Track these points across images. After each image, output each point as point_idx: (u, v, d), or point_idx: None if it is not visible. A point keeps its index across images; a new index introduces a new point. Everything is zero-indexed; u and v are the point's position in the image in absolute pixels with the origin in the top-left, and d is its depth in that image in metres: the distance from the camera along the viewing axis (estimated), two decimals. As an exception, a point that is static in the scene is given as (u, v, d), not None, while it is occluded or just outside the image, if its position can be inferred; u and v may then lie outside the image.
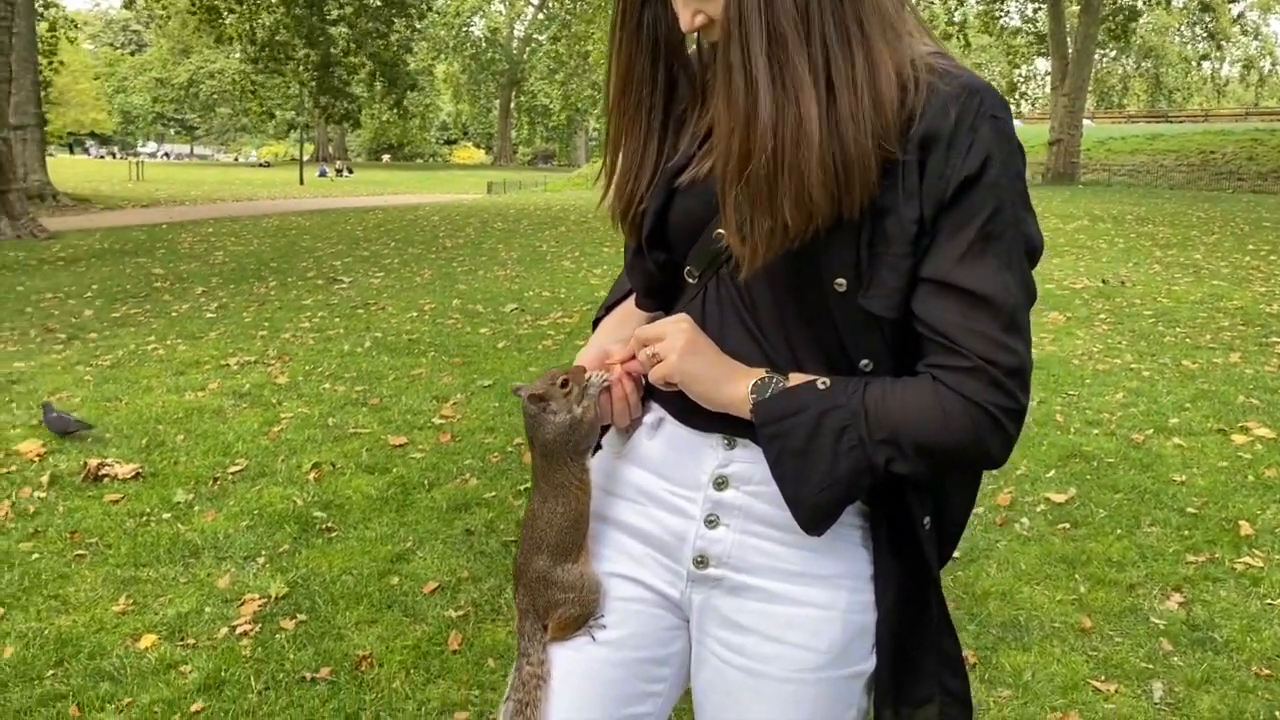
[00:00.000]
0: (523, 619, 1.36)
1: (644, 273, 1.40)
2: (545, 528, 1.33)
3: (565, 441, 1.32)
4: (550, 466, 1.33)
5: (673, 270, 1.38)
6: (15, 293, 10.72)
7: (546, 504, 1.33)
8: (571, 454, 1.33)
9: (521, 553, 1.36)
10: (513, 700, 1.33)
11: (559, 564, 1.33)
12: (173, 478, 4.94)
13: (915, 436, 1.18)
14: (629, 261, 1.42)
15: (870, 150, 1.14)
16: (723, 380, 1.26)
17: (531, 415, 1.33)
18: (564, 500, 1.33)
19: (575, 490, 1.33)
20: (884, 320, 1.22)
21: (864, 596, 1.33)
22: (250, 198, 32.30)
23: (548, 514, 1.33)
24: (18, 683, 3.03)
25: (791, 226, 1.16)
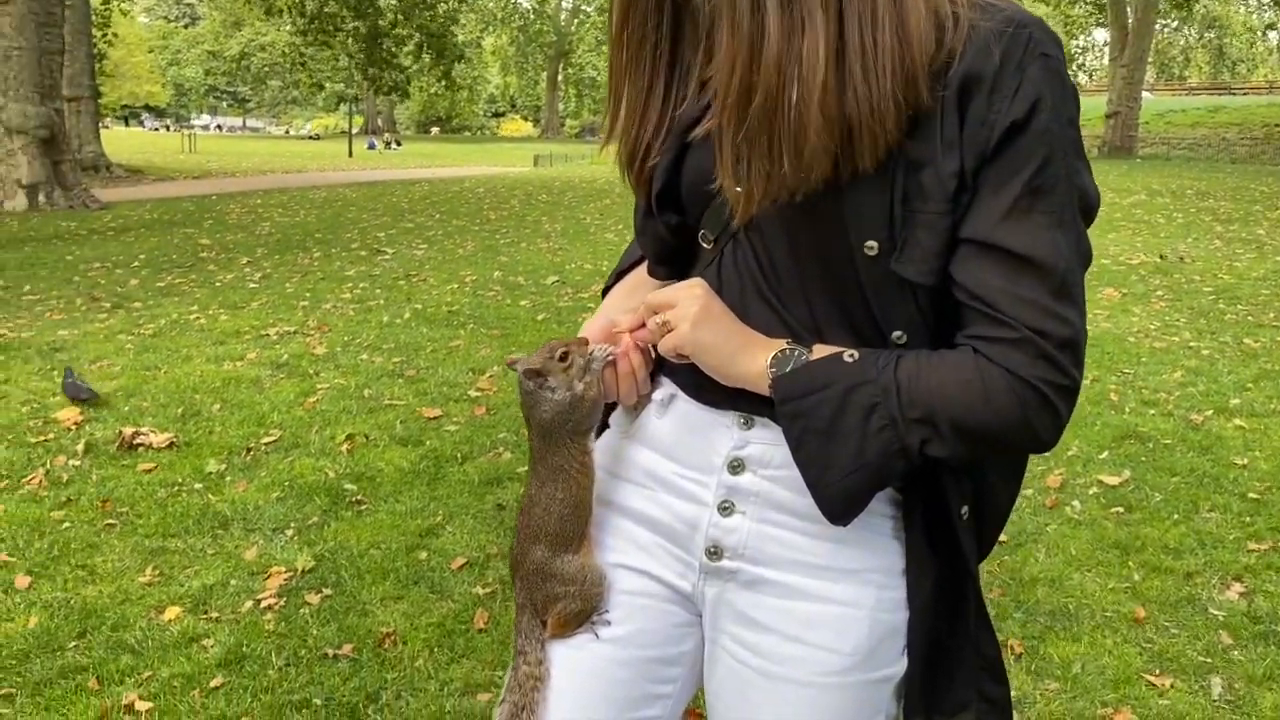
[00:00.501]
0: (520, 614, 1.25)
1: (655, 237, 1.27)
2: (543, 515, 1.22)
3: (564, 421, 1.20)
4: (548, 448, 1.21)
5: (686, 234, 1.25)
6: (64, 262, 10.83)
7: (544, 489, 1.22)
8: (572, 434, 1.21)
9: (518, 542, 1.25)
10: (508, 702, 1.22)
11: (558, 554, 1.22)
12: (206, 448, 4.91)
13: (953, 416, 1.05)
14: (639, 224, 1.30)
15: (888, 94, 1.00)
16: (739, 352, 1.14)
17: (528, 392, 1.21)
18: (564, 485, 1.21)
19: (576, 474, 1.21)
20: (919, 287, 1.08)
21: (894, 593, 1.20)
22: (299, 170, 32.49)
23: (546, 500, 1.21)
24: (40, 653, 3.00)
25: (789, 174, 1.03)
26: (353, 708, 2.78)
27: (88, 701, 2.75)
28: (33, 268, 10.30)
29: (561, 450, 1.21)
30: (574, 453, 1.21)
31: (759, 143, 1.03)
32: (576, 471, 1.21)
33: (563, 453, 1.21)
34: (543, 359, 1.20)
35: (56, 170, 16.81)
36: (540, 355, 1.20)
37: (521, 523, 1.24)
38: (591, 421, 1.22)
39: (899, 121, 1.02)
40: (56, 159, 16.85)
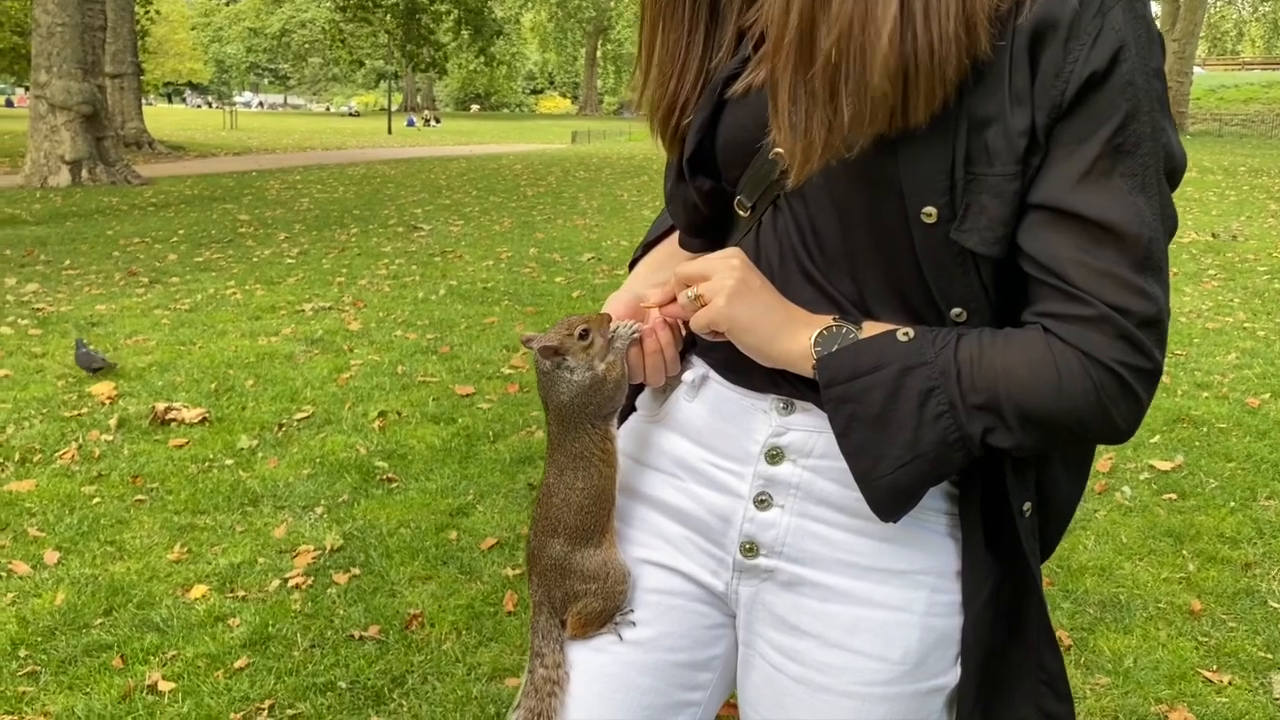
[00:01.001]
0: (537, 613, 1.15)
1: (687, 204, 1.17)
2: (562, 506, 1.12)
3: (585, 404, 1.10)
4: (567, 433, 1.11)
5: (722, 201, 1.14)
6: (105, 237, 10.89)
7: (563, 478, 1.12)
8: (592, 419, 1.11)
9: (534, 535, 1.15)
10: (524, 708, 1.13)
11: (578, 549, 1.12)
12: (238, 423, 4.88)
13: (1020, 402, 0.94)
14: (669, 190, 1.19)
15: (949, 38, 0.90)
16: (780, 329, 1.03)
17: (544, 372, 1.11)
18: (584, 474, 1.11)
19: (597, 462, 1.11)
20: (982, 259, 0.97)
21: (947, 597, 1.09)
22: (339, 146, 32.60)
23: (564, 490, 1.12)
24: (66, 630, 2.97)
25: (851, 126, 0.92)
26: (378, 691, 2.72)
27: (111, 681, 2.71)
28: (74, 243, 10.37)
29: (581, 436, 1.11)
30: (595, 438, 1.11)
31: (820, 89, 0.93)
32: (598, 459, 1.11)
33: (583, 438, 1.11)
34: (560, 336, 1.10)
35: (99, 146, 16.93)
36: (558, 332, 1.10)
37: (538, 514, 1.14)
38: (614, 405, 1.12)
39: (959, 70, 0.91)
40: (99, 135, 16.97)
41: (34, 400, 5.09)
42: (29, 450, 4.40)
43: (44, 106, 16.36)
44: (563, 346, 1.10)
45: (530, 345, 1.10)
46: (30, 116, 16.84)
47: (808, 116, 0.94)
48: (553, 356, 1.10)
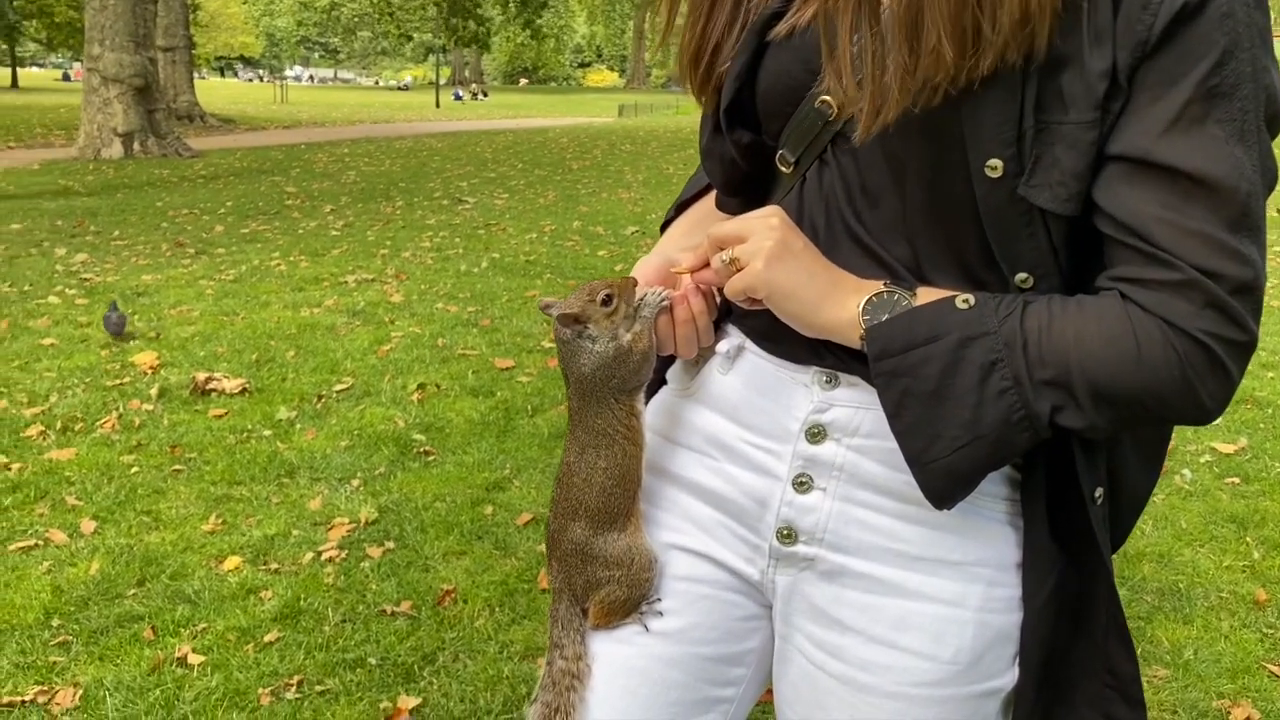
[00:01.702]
0: (557, 601, 1.07)
1: (723, 159, 1.07)
2: (583, 487, 1.03)
3: (608, 377, 1.01)
4: (589, 408, 1.02)
5: (762, 156, 1.04)
6: (154, 208, 10.97)
7: (584, 456, 1.03)
8: (617, 393, 1.02)
9: (554, 517, 1.07)
10: (541, 702, 1.05)
11: (601, 533, 1.03)
12: (278, 394, 4.86)
13: (1094, 378, 0.84)
14: (705, 145, 1.09)
15: None
16: (825, 295, 0.93)
17: (564, 342, 1.02)
18: (607, 452, 1.02)
19: (621, 439, 1.02)
20: (1053, 217, 0.86)
21: (1006, 591, 0.99)
22: (387, 120, 32.73)
23: (586, 469, 1.03)
24: (99, 600, 2.95)
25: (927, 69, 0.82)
26: (408, 669, 2.67)
27: (141, 652, 2.69)
28: (123, 214, 10.46)
29: (604, 411, 1.02)
30: (619, 414, 1.02)
31: (898, 25, 0.83)
32: (622, 436, 1.02)
33: (606, 414, 1.02)
34: (582, 302, 1.00)
35: (150, 119, 17.09)
36: (579, 298, 1.01)
37: (558, 495, 1.05)
38: (641, 378, 1.03)
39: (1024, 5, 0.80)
40: (150, 108, 17.12)
41: (77, 369, 5.11)
42: (71, 419, 4.41)
43: (97, 79, 16.54)
44: (584, 314, 1.00)
45: (549, 312, 1.01)
46: (84, 90, 17.05)
47: (875, 60, 0.84)
48: (573, 325, 1.01)
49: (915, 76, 0.84)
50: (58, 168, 14.70)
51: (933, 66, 0.83)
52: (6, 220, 9.62)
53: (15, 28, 45.28)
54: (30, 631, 2.78)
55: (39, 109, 28.64)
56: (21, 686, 2.54)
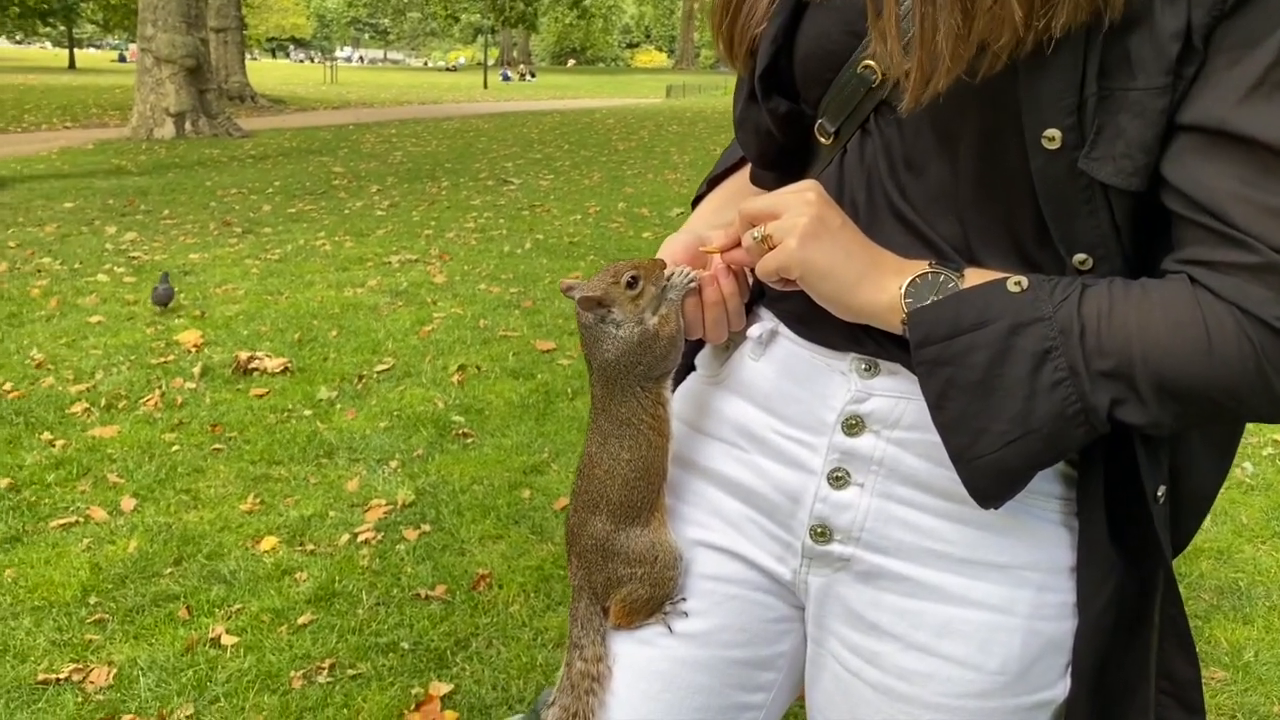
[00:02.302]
0: (577, 599, 1.01)
1: (759, 130, 1.00)
2: (605, 479, 0.97)
3: (633, 363, 0.94)
4: (613, 396, 0.96)
5: (800, 126, 0.97)
6: (203, 188, 11.07)
7: (607, 446, 0.97)
8: (642, 380, 0.95)
9: (574, 511, 1.01)
10: (558, 705, 0.99)
11: (623, 528, 0.97)
12: (319, 374, 4.86)
13: (1158, 368, 0.76)
14: (739, 115, 1.02)
15: None
16: (864, 276, 0.86)
17: (586, 326, 0.96)
18: (631, 443, 0.96)
19: (646, 430, 0.96)
20: (1116, 193, 0.79)
21: (1058, 597, 0.92)
22: (435, 101, 32.82)
23: (609, 460, 0.97)
24: (135, 579, 2.96)
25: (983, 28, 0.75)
26: (441, 654, 2.64)
27: (176, 632, 2.69)
28: (173, 193, 10.56)
29: (629, 399, 0.95)
30: (645, 403, 0.96)
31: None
32: (647, 426, 0.96)
33: (630, 402, 0.96)
34: (605, 285, 0.94)
35: (202, 99, 17.26)
36: (602, 280, 0.95)
37: (579, 487, 1.00)
38: (668, 364, 0.96)
39: None
40: (202, 88, 17.29)
41: (123, 347, 5.15)
42: (115, 396, 4.44)
43: (150, 60, 16.72)
44: (607, 296, 0.94)
45: (571, 295, 0.95)
46: (137, 70, 17.25)
47: (925, 21, 0.77)
48: (595, 308, 0.94)
49: (969, 40, 0.76)
50: (111, 147, 14.89)
51: (993, 27, 0.75)
52: (60, 199, 9.75)
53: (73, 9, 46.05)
54: (68, 609, 2.79)
55: (95, 90, 29.08)
56: (57, 664, 2.54)
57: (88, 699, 2.42)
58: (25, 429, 4.04)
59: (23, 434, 3.99)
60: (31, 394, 4.43)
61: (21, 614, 2.76)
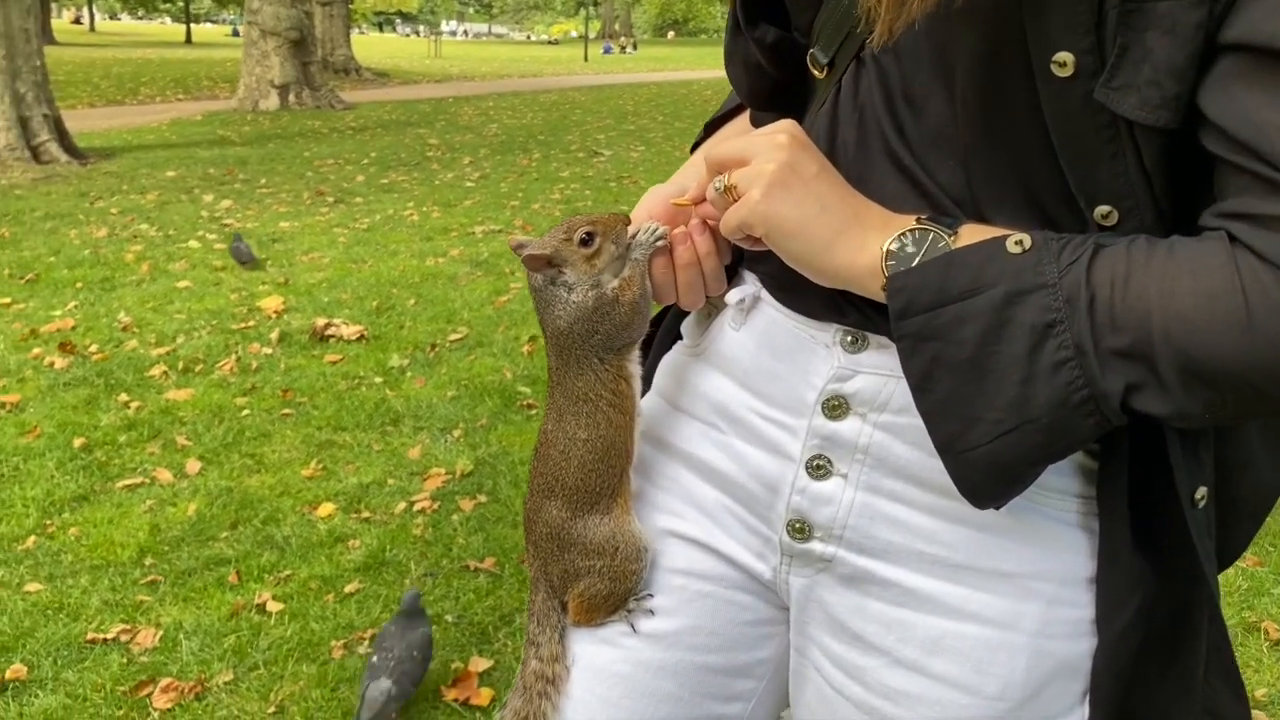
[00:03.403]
0: (534, 591, 0.92)
1: (748, 63, 0.88)
2: (560, 461, 0.87)
3: (588, 332, 0.84)
4: (568, 368, 0.86)
5: (793, 58, 0.85)
6: (301, 158, 11.27)
7: (563, 425, 0.87)
8: (600, 351, 0.85)
9: (530, 494, 0.91)
10: (509, 709, 0.90)
11: (580, 515, 0.87)
12: (394, 342, 4.87)
13: (1185, 347, 0.63)
14: (728, 47, 0.90)
15: None
16: (841, 233, 0.73)
17: (536, 290, 0.86)
18: (589, 421, 0.86)
19: (605, 407, 0.85)
20: (1143, 132, 0.65)
21: (1073, 612, 0.79)
22: (535, 74, 32.92)
23: (564, 441, 0.87)
24: (192, 541, 2.98)
25: None
26: (484, 629, 2.59)
27: (224, 596, 2.69)
28: (271, 163, 10.77)
29: (585, 372, 0.85)
30: (604, 377, 0.85)
31: None
32: (607, 403, 0.85)
33: (587, 376, 0.85)
34: (557, 242, 0.84)
35: (305, 71, 17.59)
36: (554, 237, 0.84)
37: (534, 468, 0.90)
38: (630, 334, 0.86)
39: None
40: (305, 60, 17.62)
41: (206, 312, 5.24)
42: (193, 360, 4.51)
43: (256, 33, 17.10)
44: (558, 255, 0.84)
45: (520, 253, 0.85)
46: (244, 43, 17.67)
47: None
48: (545, 269, 0.84)
49: None
50: (218, 118, 15.29)
51: None
52: (164, 167, 10.03)
53: (191, -14, 47.44)
54: (123, 569, 2.82)
55: (208, 63, 29.95)
56: (107, 624, 2.57)
57: (132, 660, 2.44)
58: (105, 390, 4.13)
59: (101, 395, 4.08)
60: (115, 356, 4.53)
61: (80, 572, 2.81)
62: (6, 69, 9.63)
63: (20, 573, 2.80)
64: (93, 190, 8.63)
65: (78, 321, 5.00)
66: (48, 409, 3.92)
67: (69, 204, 7.98)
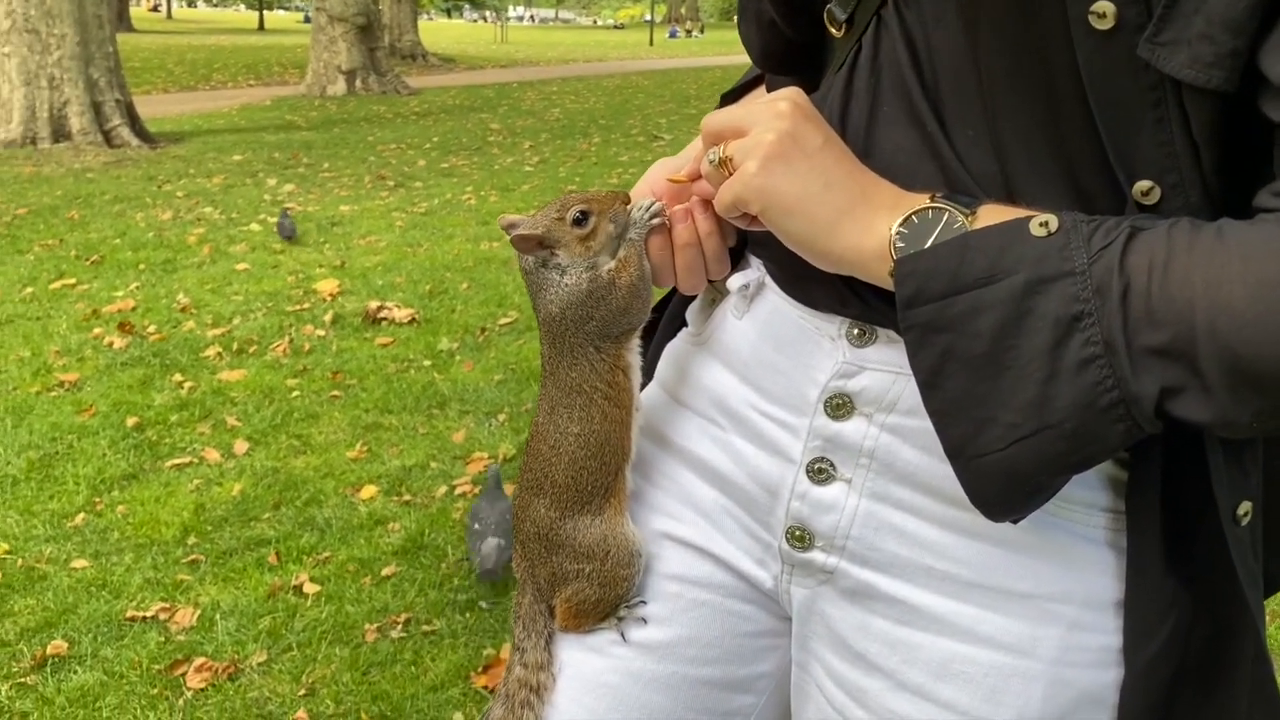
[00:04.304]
0: (521, 593, 0.87)
1: (761, 22, 0.82)
2: (550, 456, 0.81)
3: (582, 318, 0.78)
4: (561, 357, 0.80)
5: (808, 16, 0.78)
6: (365, 142, 11.37)
7: (554, 418, 0.81)
8: (596, 339, 0.79)
9: (519, 491, 0.86)
10: (491, 717, 0.85)
11: (570, 515, 0.82)
12: (444, 325, 4.86)
13: (1232, 345, 0.55)
14: (741, 2, 0.84)
15: None
16: (848, 213, 0.67)
17: (527, 272, 0.80)
18: (581, 414, 0.80)
19: (601, 400, 0.80)
20: (1194, 95, 0.57)
21: (1098, 638, 0.71)
22: (600, 58, 32.89)
23: (555, 435, 0.81)
24: (234, 522, 3.00)
25: None
26: (519, 618, 2.55)
27: (261, 578, 2.70)
28: (335, 147, 10.88)
29: (580, 362, 0.79)
30: (599, 367, 0.80)
31: None
32: (601, 396, 0.80)
33: (581, 366, 0.79)
34: (549, 222, 0.78)
35: (372, 57, 17.76)
36: (546, 216, 0.79)
37: (524, 463, 0.84)
38: (627, 321, 0.80)
39: None
40: (372, 46, 17.78)
41: (263, 294, 5.29)
42: (247, 341, 4.55)
43: (324, 18, 17.29)
44: (550, 236, 0.78)
45: (510, 233, 0.79)
46: (312, 29, 17.90)
47: None
48: (536, 250, 0.79)
49: None
50: (286, 103, 15.50)
51: None
52: (231, 151, 10.18)
53: (264, -27, 48.27)
54: (166, 548, 2.84)
55: (279, 49, 30.41)
56: (147, 602, 2.59)
57: (169, 639, 2.45)
58: (160, 370, 4.18)
59: (156, 375, 4.13)
60: (172, 337, 4.59)
61: (125, 550, 2.83)
62: (80, 55, 9.85)
63: (68, 549, 2.84)
64: (160, 174, 8.78)
65: (138, 302, 5.08)
66: (104, 388, 3.98)
67: (137, 187, 8.13)
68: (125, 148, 9.97)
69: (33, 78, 9.68)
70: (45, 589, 2.63)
